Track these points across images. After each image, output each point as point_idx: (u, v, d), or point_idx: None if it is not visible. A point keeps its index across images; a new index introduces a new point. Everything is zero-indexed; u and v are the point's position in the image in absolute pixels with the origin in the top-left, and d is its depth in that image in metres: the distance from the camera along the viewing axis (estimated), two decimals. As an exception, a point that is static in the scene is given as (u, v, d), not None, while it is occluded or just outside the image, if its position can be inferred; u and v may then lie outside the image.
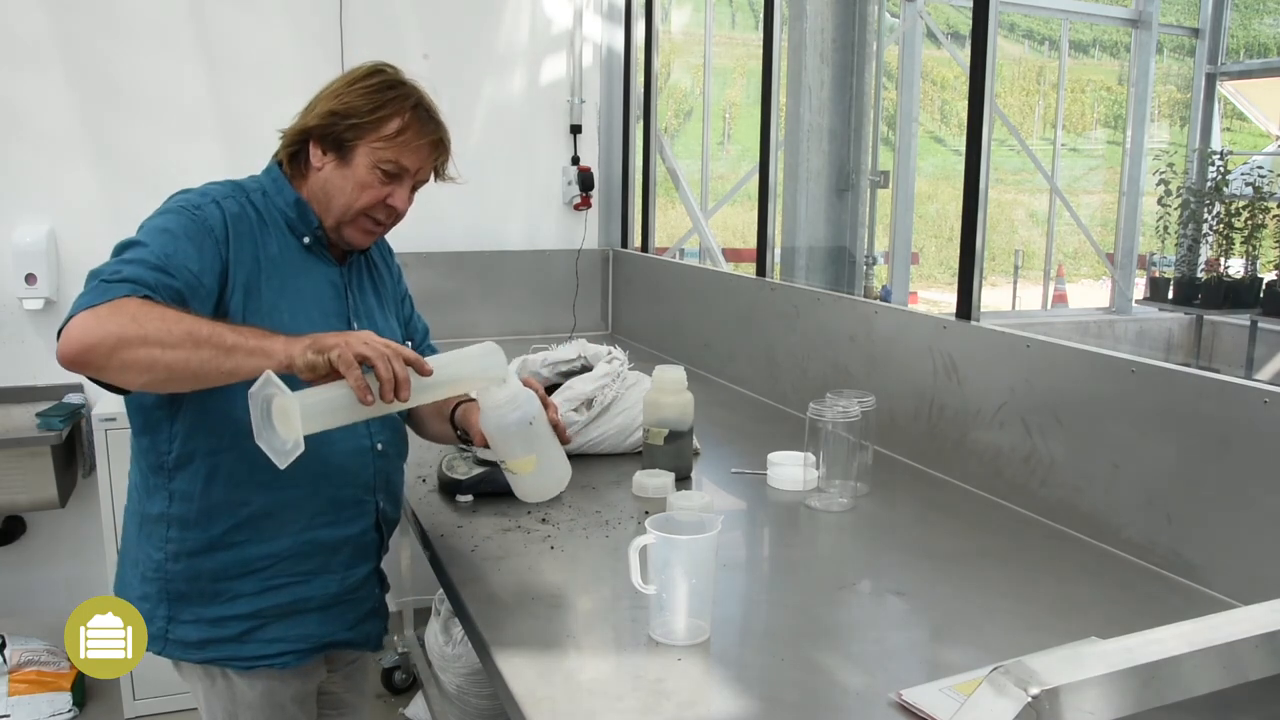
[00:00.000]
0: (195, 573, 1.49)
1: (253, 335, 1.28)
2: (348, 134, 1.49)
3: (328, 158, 1.51)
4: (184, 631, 1.50)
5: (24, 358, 3.11)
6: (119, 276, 1.28)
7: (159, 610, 1.50)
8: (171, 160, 3.16)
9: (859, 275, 3.62)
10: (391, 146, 1.50)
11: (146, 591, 1.51)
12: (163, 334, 1.23)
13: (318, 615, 1.56)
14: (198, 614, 1.50)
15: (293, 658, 1.55)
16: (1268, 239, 5.85)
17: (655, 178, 3.75)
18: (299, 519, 1.51)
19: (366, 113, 1.48)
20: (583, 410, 2.07)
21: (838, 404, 1.83)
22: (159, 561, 1.49)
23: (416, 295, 1.83)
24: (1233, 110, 8.73)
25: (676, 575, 1.28)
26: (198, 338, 1.24)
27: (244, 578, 1.49)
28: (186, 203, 1.44)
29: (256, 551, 1.49)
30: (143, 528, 1.52)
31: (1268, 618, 0.69)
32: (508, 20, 3.63)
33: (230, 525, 1.47)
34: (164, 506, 1.48)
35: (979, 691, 0.61)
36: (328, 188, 1.52)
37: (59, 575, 3.17)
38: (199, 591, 1.49)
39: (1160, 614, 1.46)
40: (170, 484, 1.47)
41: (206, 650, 1.51)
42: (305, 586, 1.53)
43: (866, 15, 3.43)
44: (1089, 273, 10.71)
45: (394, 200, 1.53)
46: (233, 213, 1.45)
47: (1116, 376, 1.67)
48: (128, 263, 1.31)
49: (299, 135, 1.53)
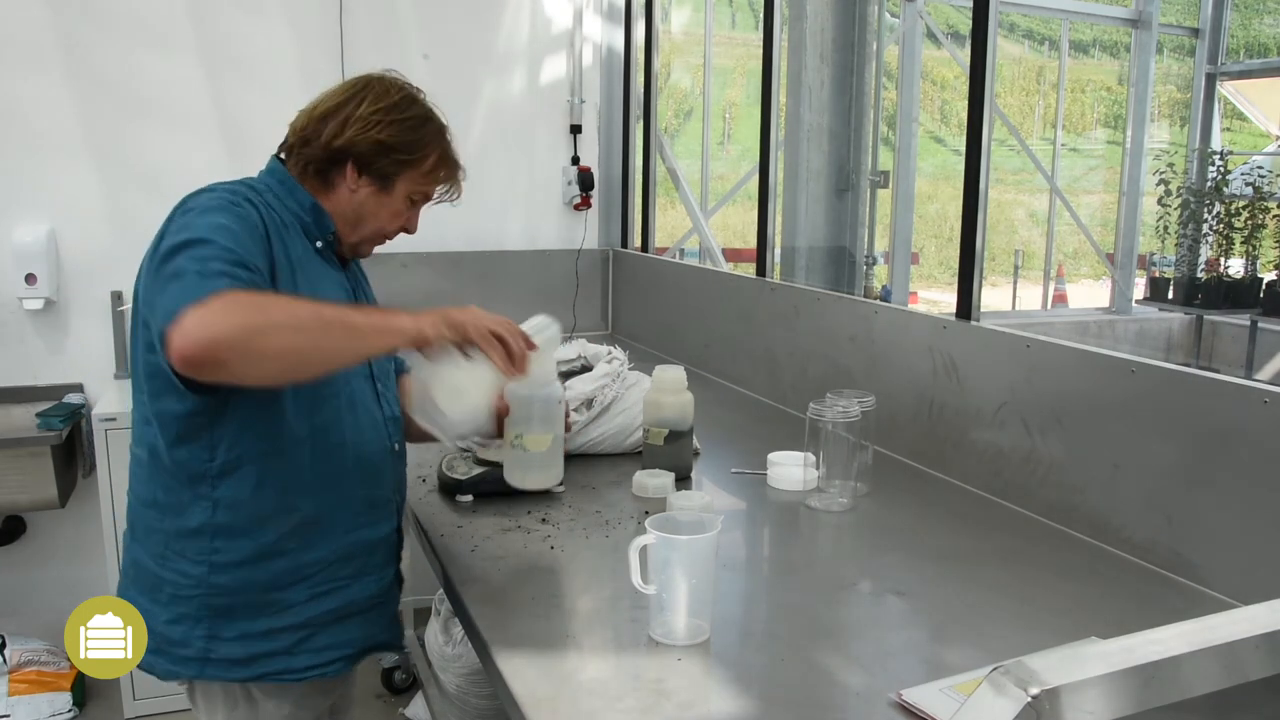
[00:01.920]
0: (243, 584, 1.42)
1: (376, 313, 1.31)
2: (391, 166, 1.52)
3: (364, 181, 1.52)
4: (228, 649, 1.43)
5: (24, 358, 3.11)
6: (211, 270, 1.22)
7: (196, 630, 1.42)
8: (171, 160, 3.16)
9: (859, 275, 3.62)
10: (427, 180, 1.56)
11: (180, 613, 1.43)
12: (291, 320, 1.22)
13: (360, 618, 1.54)
14: (243, 629, 1.43)
15: (343, 664, 1.52)
16: (1268, 239, 5.85)
17: (655, 178, 3.75)
18: (342, 522, 1.50)
19: (413, 148, 1.52)
20: (583, 410, 2.07)
21: (838, 404, 1.83)
22: (199, 576, 1.41)
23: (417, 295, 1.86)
24: (1233, 110, 8.73)
25: (676, 575, 1.28)
26: (325, 320, 1.25)
27: (295, 586, 1.45)
28: (226, 200, 1.38)
29: (308, 557, 1.46)
30: (172, 545, 1.43)
31: (1268, 618, 0.69)
32: (508, 20, 3.63)
33: (283, 532, 1.43)
34: (206, 517, 1.41)
35: (979, 691, 0.61)
36: (361, 211, 1.54)
37: (59, 575, 3.16)
38: (245, 604, 1.43)
39: (1160, 614, 1.46)
40: (215, 492, 1.40)
41: (253, 666, 1.44)
42: (350, 590, 1.51)
43: (866, 15, 3.43)
44: (1089, 273, 10.71)
45: (411, 225, 1.60)
46: (263, 212, 1.43)
47: (1116, 376, 1.67)
48: (207, 259, 1.25)
49: (335, 154, 1.50)
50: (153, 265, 1.30)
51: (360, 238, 1.57)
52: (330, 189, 1.53)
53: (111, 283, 3.14)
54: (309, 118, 1.54)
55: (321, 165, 1.52)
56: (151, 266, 1.31)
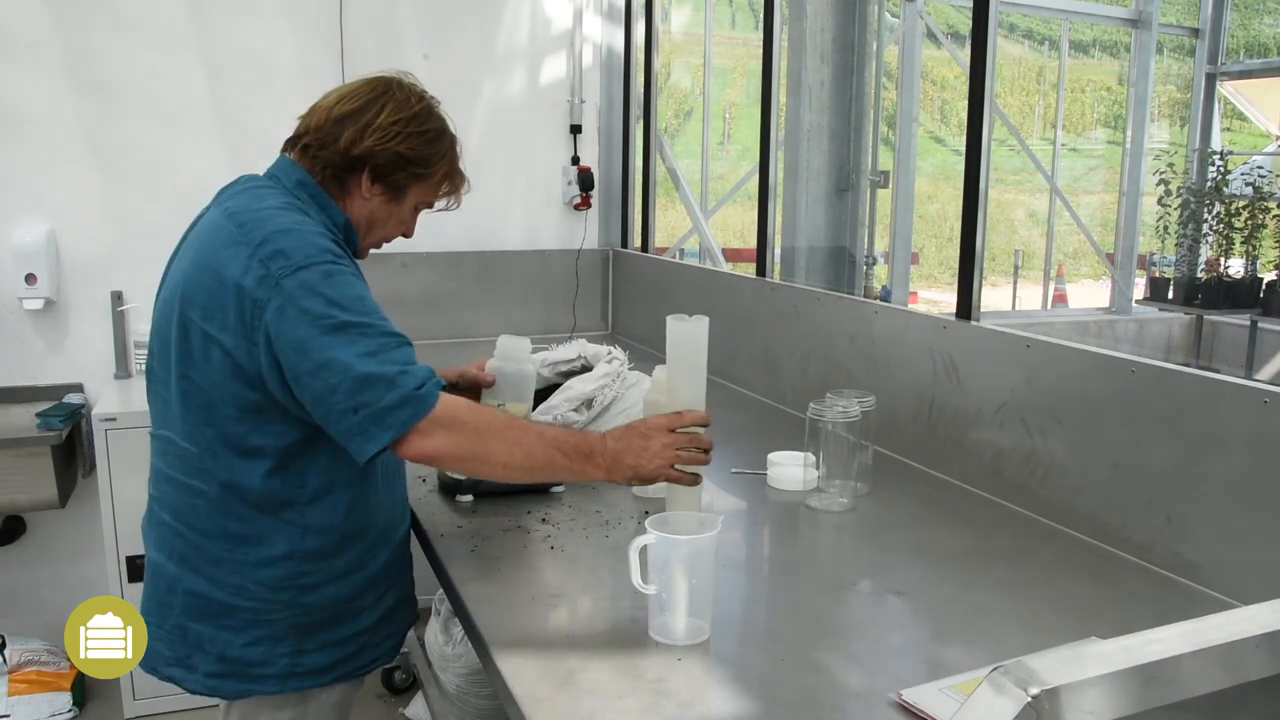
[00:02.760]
0: (329, 601, 1.51)
1: (576, 455, 1.43)
2: (405, 179, 1.56)
3: (377, 190, 1.56)
4: (313, 660, 1.51)
5: (24, 358, 3.11)
6: (419, 381, 1.35)
7: (280, 649, 1.48)
8: (171, 160, 3.16)
9: (859, 275, 3.62)
10: (434, 191, 1.63)
11: (260, 635, 1.47)
12: (505, 458, 1.40)
13: (404, 606, 1.68)
14: (325, 639, 1.51)
15: (392, 652, 1.65)
16: (1268, 239, 5.85)
17: (655, 178, 3.75)
18: (397, 526, 1.64)
19: (427, 163, 1.57)
20: (583, 410, 2.07)
21: (838, 404, 1.83)
22: (286, 600, 1.47)
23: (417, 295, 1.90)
24: (1233, 110, 8.73)
25: (676, 575, 1.28)
26: (532, 465, 1.42)
27: (368, 594, 1.56)
28: (330, 255, 1.40)
29: (376, 565, 1.57)
30: (250, 574, 1.46)
31: (1268, 618, 0.69)
32: (508, 20, 3.63)
33: (366, 545, 1.54)
34: (294, 544, 1.46)
35: (979, 691, 0.61)
36: (373, 218, 1.59)
37: (59, 575, 3.17)
38: (330, 618, 1.51)
39: (1160, 614, 1.46)
40: (304, 519, 1.46)
41: (333, 672, 1.54)
42: (401, 584, 1.66)
43: (866, 15, 3.43)
44: (1089, 273, 10.72)
45: (410, 231, 1.67)
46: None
47: (1116, 376, 1.67)
48: (396, 349, 1.36)
49: (353, 162, 1.52)
50: (295, 326, 1.33)
51: (369, 243, 1.63)
52: (346, 194, 1.56)
53: (111, 283, 3.14)
54: (326, 117, 1.53)
55: (338, 171, 1.53)
56: (292, 326, 1.34)
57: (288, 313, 1.33)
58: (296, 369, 1.34)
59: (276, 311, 1.34)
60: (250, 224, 1.41)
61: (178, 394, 1.44)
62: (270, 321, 1.34)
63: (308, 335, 1.33)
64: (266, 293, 1.34)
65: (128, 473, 2.77)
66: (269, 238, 1.38)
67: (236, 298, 1.36)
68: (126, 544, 2.81)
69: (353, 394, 1.31)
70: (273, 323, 1.34)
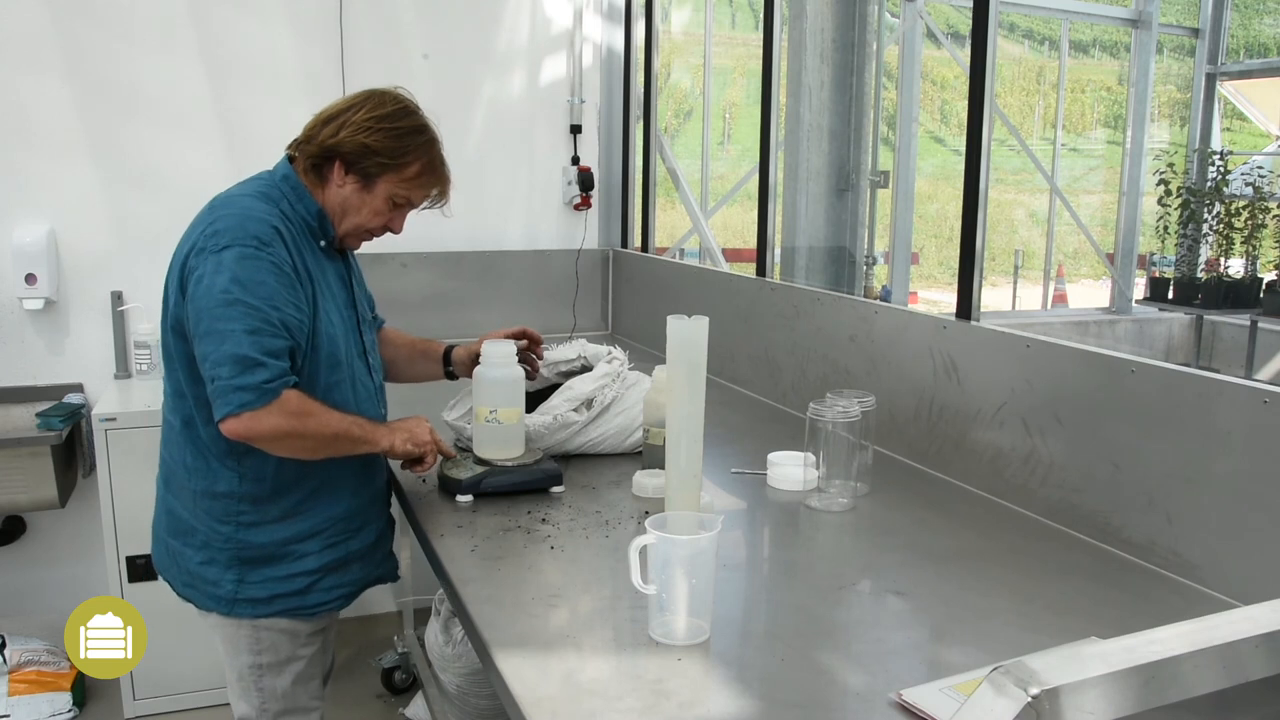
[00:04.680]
0: (267, 540, 1.70)
1: (362, 429, 1.68)
2: (374, 168, 1.71)
3: (350, 179, 1.72)
4: (254, 591, 1.71)
5: (24, 358, 3.11)
6: (267, 378, 1.54)
7: (227, 575, 1.70)
8: (171, 160, 3.16)
9: (859, 275, 3.62)
10: (409, 185, 1.74)
11: (211, 557, 1.71)
12: (315, 436, 1.61)
13: (360, 563, 1.83)
14: (267, 575, 1.71)
15: (344, 600, 1.82)
16: (1268, 239, 5.86)
17: (655, 178, 3.75)
18: (348, 484, 1.78)
19: (395, 154, 1.70)
20: (582, 410, 2.07)
21: (838, 404, 1.83)
22: (227, 533, 1.69)
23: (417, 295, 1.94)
24: (1233, 110, 8.73)
25: (676, 575, 1.28)
26: (336, 437, 1.64)
27: (310, 539, 1.74)
28: (256, 241, 1.59)
29: (321, 516, 1.74)
30: (200, 502, 1.70)
31: (1268, 618, 0.69)
32: (508, 20, 3.63)
33: (300, 497, 1.71)
34: (233, 485, 1.68)
35: (979, 691, 0.61)
36: (345, 206, 1.74)
37: (59, 575, 3.17)
38: (269, 555, 1.71)
39: (1160, 614, 1.46)
40: (240, 465, 1.67)
41: (274, 604, 1.73)
42: (353, 541, 1.80)
43: (866, 15, 3.43)
44: (1089, 273, 10.72)
45: (395, 225, 1.79)
46: (286, 239, 1.65)
47: (1116, 376, 1.67)
48: (271, 337, 1.56)
49: (327, 152, 1.70)
50: (205, 294, 1.56)
51: (345, 230, 1.76)
52: (324, 183, 1.73)
53: (111, 283, 3.14)
54: (317, 119, 1.74)
55: (316, 161, 1.72)
56: (204, 294, 1.56)
57: (203, 282, 1.57)
58: (195, 329, 1.58)
59: (196, 280, 1.58)
60: (216, 206, 1.67)
61: (162, 344, 1.71)
62: (190, 287, 1.59)
63: (206, 304, 1.56)
64: (195, 262, 1.59)
65: (128, 473, 2.77)
66: (218, 219, 1.63)
67: (181, 266, 1.62)
68: (126, 544, 2.81)
69: (217, 364, 1.54)
70: (191, 289, 1.58)
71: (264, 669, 1.77)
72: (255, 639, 1.75)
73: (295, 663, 1.80)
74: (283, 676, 1.79)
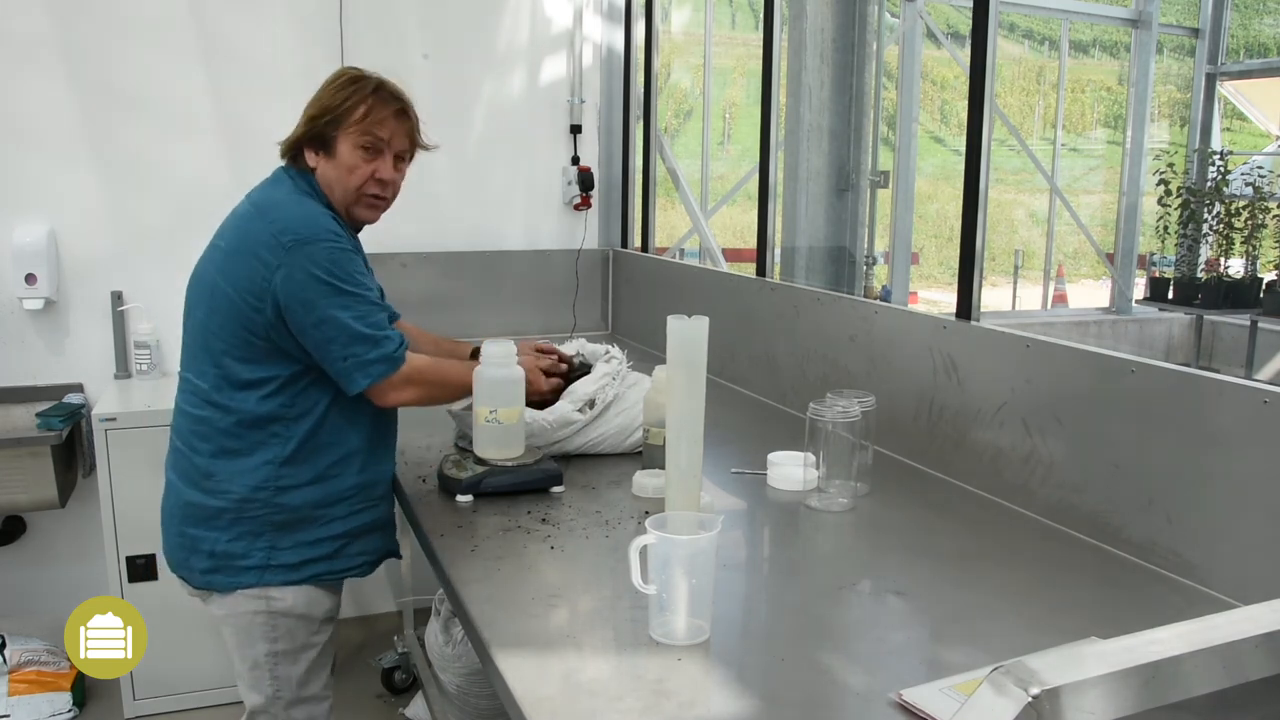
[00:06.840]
0: (302, 501, 1.77)
1: (470, 370, 1.87)
2: (328, 129, 1.77)
3: (319, 157, 1.80)
4: (284, 557, 1.78)
5: (24, 358, 3.11)
6: (393, 349, 1.74)
7: (259, 543, 1.76)
8: (171, 160, 3.16)
9: (859, 275, 3.62)
10: (363, 126, 1.77)
11: (241, 531, 1.76)
12: (446, 391, 1.88)
13: (379, 533, 1.91)
14: (298, 539, 1.78)
15: (368, 567, 1.90)
16: (1268, 239, 5.86)
17: (655, 178, 3.75)
18: (372, 456, 1.86)
19: (336, 107, 1.77)
20: (585, 410, 2.07)
21: (838, 404, 1.83)
22: (264, 498, 1.75)
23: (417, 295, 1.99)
24: (1233, 110, 8.73)
25: (676, 575, 1.28)
26: (459, 388, 1.87)
27: (338, 504, 1.81)
28: (331, 234, 1.72)
29: (349, 482, 1.82)
30: (240, 480, 1.75)
31: (1268, 618, 0.69)
32: (508, 20, 3.63)
33: (333, 460, 1.79)
34: (278, 451, 1.75)
35: (979, 691, 0.61)
36: (329, 181, 1.80)
37: (59, 575, 3.16)
38: (302, 518, 1.78)
39: (1160, 614, 1.46)
40: (288, 430, 1.75)
41: (303, 570, 1.79)
42: (375, 510, 1.89)
43: (866, 15, 3.43)
44: (1089, 273, 10.72)
45: (381, 172, 1.81)
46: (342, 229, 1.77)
47: (1116, 376, 1.67)
48: (378, 314, 1.75)
49: (293, 148, 1.80)
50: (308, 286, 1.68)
51: (343, 204, 1.82)
52: (313, 175, 1.81)
53: (111, 283, 3.14)
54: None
55: (295, 158, 1.82)
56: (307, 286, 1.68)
57: (295, 277, 1.66)
58: (302, 322, 1.68)
59: (284, 276, 1.66)
60: (267, 209, 1.74)
61: (198, 340, 1.77)
62: (278, 283, 1.66)
63: (314, 296, 1.67)
64: (276, 259, 1.66)
65: (128, 473, 2.77)
66: (279, 218, 1.71)
67: (252, 262, 1.68)
68: (126, 544, 2.82)
69: (346, 346, 1.69)
70: (280, 284, 1.66)
71: (279, 656, 1.82)
72: (271, 625, 1.80)
73: (309, 650, 1.85)
74: (298, 664, 1.84)
